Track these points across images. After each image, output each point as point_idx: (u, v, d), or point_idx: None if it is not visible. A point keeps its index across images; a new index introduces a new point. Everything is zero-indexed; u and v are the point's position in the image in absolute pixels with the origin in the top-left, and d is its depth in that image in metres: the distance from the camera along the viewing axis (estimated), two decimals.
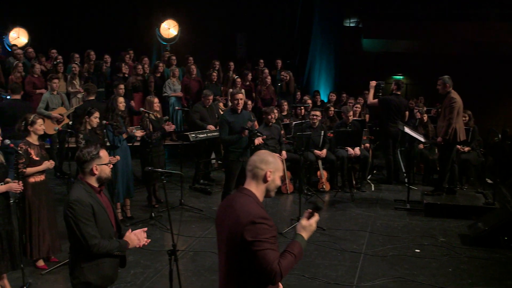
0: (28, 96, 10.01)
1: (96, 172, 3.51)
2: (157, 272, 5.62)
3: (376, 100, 9.37)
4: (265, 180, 2.85)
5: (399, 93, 9.48)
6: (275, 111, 9.05)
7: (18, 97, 8.29)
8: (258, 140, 6.90)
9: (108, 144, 6.63)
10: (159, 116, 7.46)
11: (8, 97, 8.85)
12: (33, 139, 5.48)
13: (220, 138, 6.92)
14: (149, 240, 3.69)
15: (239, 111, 6.75)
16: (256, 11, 14.99)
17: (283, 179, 8.86)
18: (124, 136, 6.86)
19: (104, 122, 6.41)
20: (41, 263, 5.72)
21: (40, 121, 5.50)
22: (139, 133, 7.05)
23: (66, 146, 8.57)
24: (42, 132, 5.55)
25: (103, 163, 3.54)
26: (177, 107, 7.97)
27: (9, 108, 8.11)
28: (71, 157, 7.32)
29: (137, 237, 3.63)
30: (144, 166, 7.58)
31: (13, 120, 7.97)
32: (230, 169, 6.80)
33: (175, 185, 8.77)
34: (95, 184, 3.55)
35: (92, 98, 8.13)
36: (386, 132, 9.41)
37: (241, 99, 6.69)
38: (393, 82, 9.76)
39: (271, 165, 2.85)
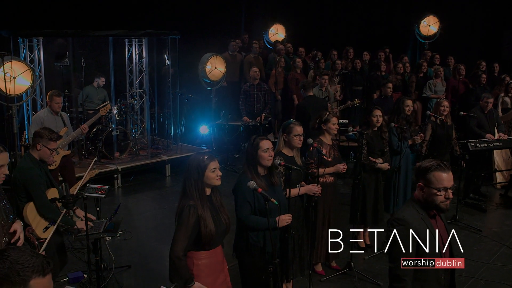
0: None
1: None
2: None
3: None
4: None
5: None
6: None
7: (311, 93, 8.07)
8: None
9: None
10: (449, 122, 6.67)
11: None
12: (326, 138, 5.25)
13: None
14: None
15: None
16: None
17: None
18: (410, 142, 6.32)
19: (393, 124, 5.96)
20: (319, 268, 5.51)
21: (334, 119, 5.22)
22: (419, 138, 6.47)
23: None
24: (335, 132, 5.31)
25: None
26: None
27: (308, 106, 7.85)
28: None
29: None
30: None
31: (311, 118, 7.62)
32: None
33: None
34: None
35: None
36: None
37: None
38: None
39: None
